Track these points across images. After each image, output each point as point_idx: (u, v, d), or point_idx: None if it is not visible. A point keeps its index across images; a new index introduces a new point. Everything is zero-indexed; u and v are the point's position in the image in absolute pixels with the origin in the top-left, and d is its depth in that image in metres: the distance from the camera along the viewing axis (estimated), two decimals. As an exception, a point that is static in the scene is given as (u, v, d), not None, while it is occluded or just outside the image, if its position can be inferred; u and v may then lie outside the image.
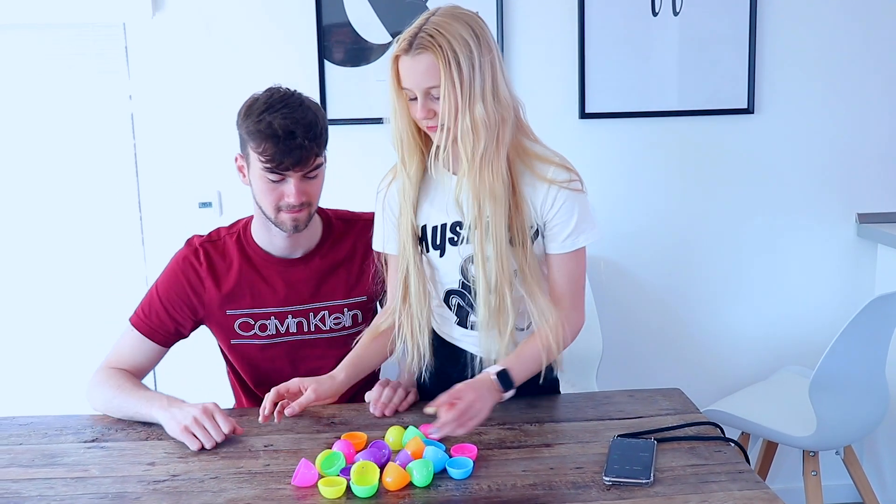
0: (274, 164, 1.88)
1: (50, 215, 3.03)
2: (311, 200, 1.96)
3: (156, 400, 1.87)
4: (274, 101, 1.90)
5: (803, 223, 3.15)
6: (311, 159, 1.90)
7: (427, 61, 1.70)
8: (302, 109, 1.90)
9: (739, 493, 1.49)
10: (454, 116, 1.72)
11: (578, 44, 2.96)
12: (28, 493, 1.58)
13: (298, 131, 1.86)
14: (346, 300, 2.09)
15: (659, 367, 3.18)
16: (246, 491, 1.56)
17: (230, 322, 2.06)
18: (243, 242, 2.09)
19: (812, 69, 3.05)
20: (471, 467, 1.59)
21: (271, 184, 1.92)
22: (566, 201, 1.82)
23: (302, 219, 1.97)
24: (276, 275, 2.06)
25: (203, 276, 2.06)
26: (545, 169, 1.82)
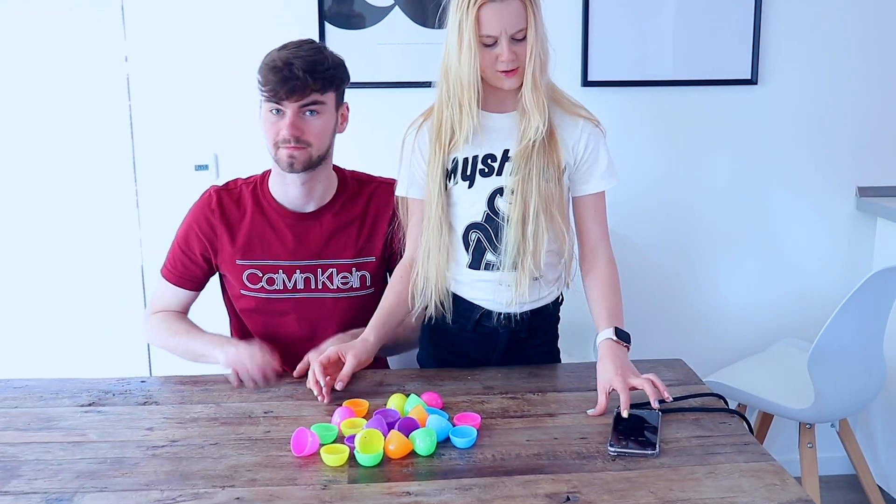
0: (271, 93, 1.92)
1: (44, 179, 3.00)
2: (310, 140, 1.97)
3: (211, 341, 2.01)
4: (291, 42, 1.98)
5: (803, 196, 3.14)
6: (307, 91, 1.92)
7: (516, 4, 1.77)
8: (312, 51, 1.95)
9: (745, 465, 1.48)
10: (534, 55, 1.79)
11: (582, 11, 2.93)
12: (25, 458, 1.56)
13: (297, 63, 1.91)
14: (354, 259, 2.09)
15: (656, 337, 3.17)
16: (246, 458, 1.54)
17: (239, 272, 2.08)
18: (259, 193, 2.11)
19: (816, 41, 3.03)
20: (474, 436, 1.58)
21: (272, 116, 1.96)
22: (597, 141, 1.93)
23: (299, 158, 1.97)
24: (286, 227, 2.08)
25: (216, 225, 2.09)
26: (577, 108, 1.93)
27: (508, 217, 1.87)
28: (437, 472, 1.49)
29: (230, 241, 2.08)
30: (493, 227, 1.91)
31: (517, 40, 1.79)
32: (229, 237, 2.08)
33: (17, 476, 1.49)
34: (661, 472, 1.47)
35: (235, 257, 2.08)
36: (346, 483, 1.46)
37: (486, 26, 1.77)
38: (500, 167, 1.90)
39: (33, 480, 1.47)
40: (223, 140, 2.95)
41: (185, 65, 2.92)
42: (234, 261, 2.08)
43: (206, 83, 2.92)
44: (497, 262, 1.92)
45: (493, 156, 1.90)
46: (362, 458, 1.51)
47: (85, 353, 3.01)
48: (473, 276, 1.95)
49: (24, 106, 2.95)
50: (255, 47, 2.88)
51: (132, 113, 2.96)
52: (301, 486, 1.44)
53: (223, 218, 2.09)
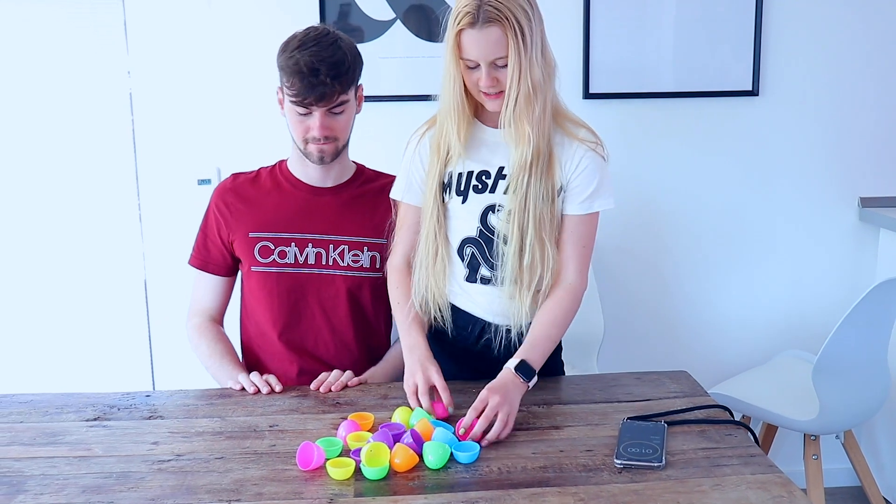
0: (299, 98, 1.97)
1: (47, 192, 3.00)
2: (337, 135, 2.05)
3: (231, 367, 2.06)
4: (308, 38, 1.99)
5: (806, 207, 3.14)
6: (335, 96, 1.98)
7: (495, 33, 1.75)
8: (332, 48, 1.97)
9: (752, 477, 1.48)
10: (518, 82, 1.77)
11: (583, 24, 2.94)
12: (31, 472, 1.56)
13: (323, 69, 1.94)
14: (366, 238, 2.12)
15: (659, 349, 3.18)
16: (252, 471, 1.54)
17: (251, 245, 2.11)
18: (277, 172, 2.19)
19: (817, 52, 3.03)
20: (478, 451, 1.58)
21: (299, 116, 2.01)
22: (591, 163, 1.88)
23: (328, 151, 2.05)
24: (302, 200, 2.13)
25: (231, 202, 2.15)
26: (577, 129, 1.90)
27: (502, 235, 1.88)
28: (444, 486, 1.48)
29: (246, 213, 2.13)
30: (487, 242, 1.91)
31: (500, 66, 1.78)
32: (244, 209, 2.13)
33: (23, 491, 1.49)
34: (667, 484, 1.47)
35: (249, 230, 2.11)
36: (352, 497, 1.45)
37: (465, 51, 1.78)
38: (494, 184, 1.90)
39: (39, 495, 1.47)
40: (226, 154, 2.95)
41: (187, 79, 2.92)
42: (247, 234, 2.11)
43: (208, 97, 2.93)
44: (492, 277, 1.93)
45: (487, 172, 1.91)
46: (368, 472, 1.50)
47: (89, 368, 3.01)
48: (471, 288, 1.96)
49: (27, 121, 2.95)
50: (258, 62, 2.91)
51: (135, 128, 2.97)
52: (307, 499, 1.44)
53: (237, 194, 2.15)
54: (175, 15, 2.89)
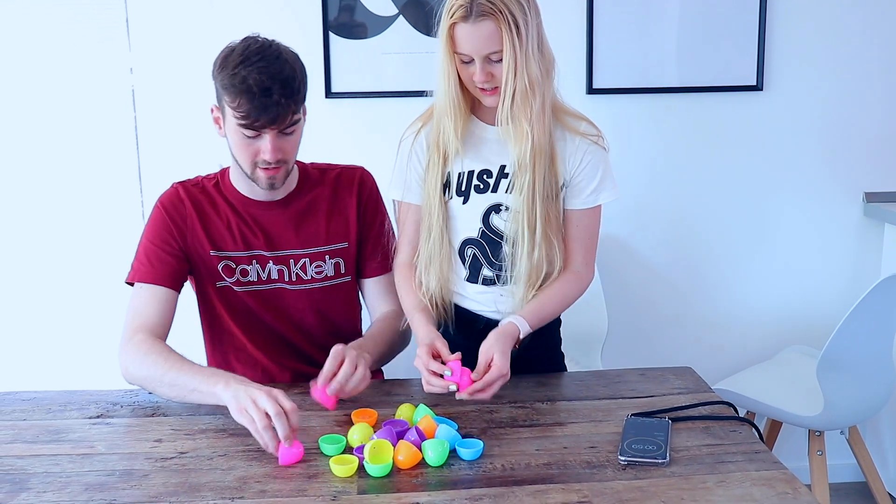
0: (249, 120, 1.82)
1: (50, 190, 3.00)
2: (287, 157, 1.92)
3: (215, 377, 1.73)
4: (251, 52, 1.84)
5: (810, 202, 3.13)
6: (288, 117, 1.84)
7: (489, 27, 1.73)
8: (279, 63, 1.83)
9: (757, 474, 1.48)
10: (514, 77, 1.75)
11: (587, 19, 2.93)
12: (34, 470, 1.56)
13: (275, 88, 1.80)
14: (326, 247, 2.06)
15: (663, 345, 3.17)
16: (255, 469, 1.54)
17: (214, 264, 2.02)
18: (221, 187, 2.06)
19: (821, 46, 3.02)
20: (481, 448, 1.57)
21: (246, 139, 1.87)
22: (593, 157, 1.89)
23: (279, 177, 1.94)
24: (255, 217, 2.03)
25: (188, 214, 2.02)
26: (577, 123, 1.89)
27: (507, 236, 1.88)
28: (447, 483, 1.48)
29: (202, 230, 2.01)
30: (490, 243, 1.91)
31: (494, 61, 1.76)
32: (201, 226, 2.01)
33: (27, 489, 1.49)
34: (671, 480, 1.46)
35: (209, 248, 2.01)
36: (355, 494, 1.45)
37: (459, 45, 1.77)
38: (497, 183, 1.89)
39: (42, 493, 1.47)
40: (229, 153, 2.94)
41: (190, 76, 2.92)
42: (207, 252, 2.01)
43: (211, 94, 2.91)
44: (495, 278, 1.93)
45: (488, 171, 1.90)
46: (371, 469, 1.50)
47: (92, 365, 3.00)
48: (472, 289, 1.96)
49: (29, 118, 2.94)
50: (261, 58, 2.89)
51: (137, 125, 2.96)
52: (310, 497, 1.44)
53: (194, 207, 2.02)
54: (177, 12, 2.88)
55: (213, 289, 2.06)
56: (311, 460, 1.57)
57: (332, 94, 2.92)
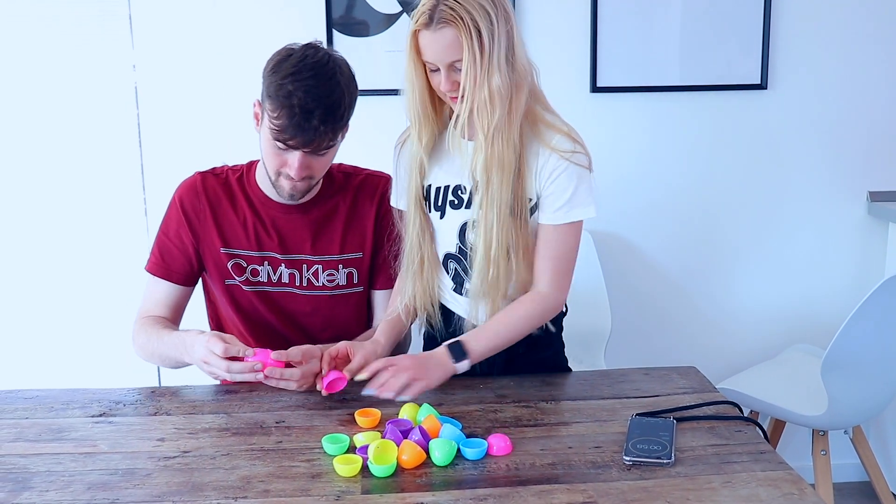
0: (283, 136, 1.79)
1: (53, 187, 2.99)
2: (314, 175, 1.90)
3: (181, 345, 1.87)
4: (305, 66, 1.78)
5: (814, 201, 3.12)
6: (323, 142, 1.82)
7: (450, 35, 1.68)
8: (330, 85, 1.79)
9: (763, 474, 1.47)
10: (474, 87, 1.70)
11: (591, 17, 2.92)
12: (36, 469, 1.55)
13: (317, 112, 1.76)
14: (340, 255, 2.03)
15: (667, 344, 3.17)
16: (259, 468, 1.53)
17: (224, 261, 2.01)
18: (245, 183, 2.04)
19: (826, 45, 3.02)
20: (485, 447, 1.56)
21: (276, 150, 1.84)
22: (564, 171, 1.79)
23: (300, 188, 1.91)
24: (272, 220, 2.01)
25: (201, 209, 2.01)
26: (550, 136, 1.80)
27: (475, 251, 1.83)
28: (451, 483, 1.47)
29: (215, 227, 2.00)
30: (466, 258, 1.88)
31: (459, 69, 1.72)
32: (214, 222, 2.00)
33: (29, 488, 1.48)
34: (676, 481, 1.45)
35: (220, 245, 2.00)
36: (359, 494, 1.44)
37: (424, 52, 1.74)
38: (469, 199, 1.85)
39: (45, 492, 1.46)
40: (232, 148, 2.93)
41: (193, 73, 2.91)
42: (218, 248, 2.00)
43: (214, 91, 2.92)
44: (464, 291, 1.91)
45: (462, 187, 1.86)
46: (375, 469, 1.49)
47: (95, 363, 3.00)
48: (460, 299, 1.95)
49: (31, 115, 2.94)
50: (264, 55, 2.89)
51: (140, 122, 2.96)
52: (314, 496, 1.43)
53: (209, 202, 2.01)
54: (180, 8, 2.88)
55: (221, 286, 2.05)
56: (315, 459, 1.56)
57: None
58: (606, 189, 2.99)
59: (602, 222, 3.02)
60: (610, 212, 3.05)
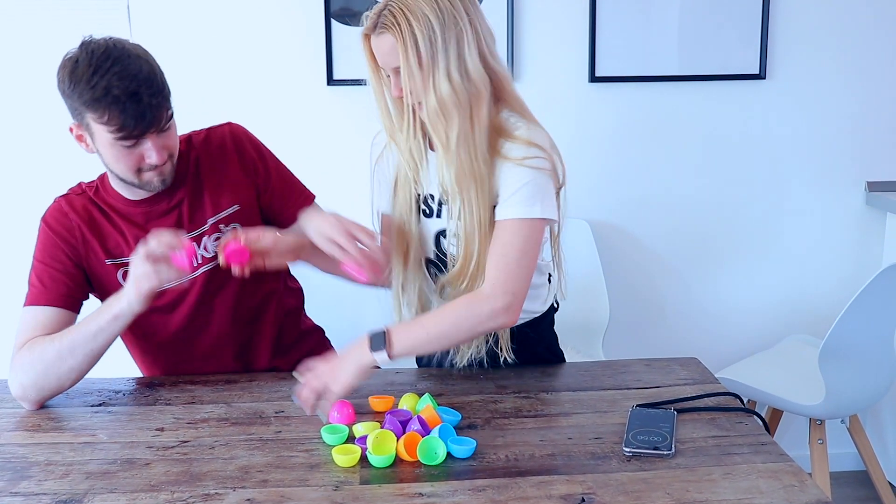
0: (126, 131, 1.70)
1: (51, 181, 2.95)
2: (172, 152, 1.81)
3: (111, 301, 1.75)
4: (98, 59, 1.69)
5: (812, 191, 3.12)
6: (163, 115, 1.73)
7: (388, 41, 1.66)
8: (135, 63, 1.70)
9: (763, 466, 1.47)
10: (417, 95, 1.68)
11: (590, 6, 2.91)
12: (35, 458, 1.55)
13: (142, 90, 1.68)
14: (216, 216, 1.93)
15: (665, 334, 3.17)
16: (257, 458, 1.53)
17: (113, 273, 1.90)
18: (104, 194, 1.93)
19: (825, 35, 3.01)
20: (474, 446, 1.53)
21: (126, 150, 1.74)
22: (512, 173, 1.72)
23: (167, 171, 1.82)
24: (143, 216, 1.90)
25: (76, 227, 1.90)
26: (502, 145, 1.74)
27: (454, 259, 1.81)
28: (450, 473, 1.47)
29: (95, 239, 1.89)
30: (444, 264, 1.86)
31: None
32: (93, 235, 1.89)
33: (27, 477, 1.48)
34: (676, 472, 1.45)
35: (104, 257, 1.89)
36: (357, 484, 1.44)
37: (376, 58, 1.73)
38: (439, 209, 1.83)
39: (43, 482, 1.46)
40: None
41: (191, 66, 2.90)
42: (103, 261, 1.89)
43: (213, 84, 2.90)
44: None
45: (431, 196, 1.84)
46: (374, 460, 1.49)
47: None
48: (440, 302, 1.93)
49: (27, 109, 2.92)
50: (263, 47, 2.89)
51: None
52: (313, 486, 1.43)
53: (80, 218, 1.90)
54: (180, 5, 2.86)
55: None
56: (314, 449, 1.56)
57: (334, 82, 2.90)
58: (604, 178, 3.01)
59: (599, 211, 3.02)
60: (608, 201, 3.04)
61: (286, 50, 2.91)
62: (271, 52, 2.91)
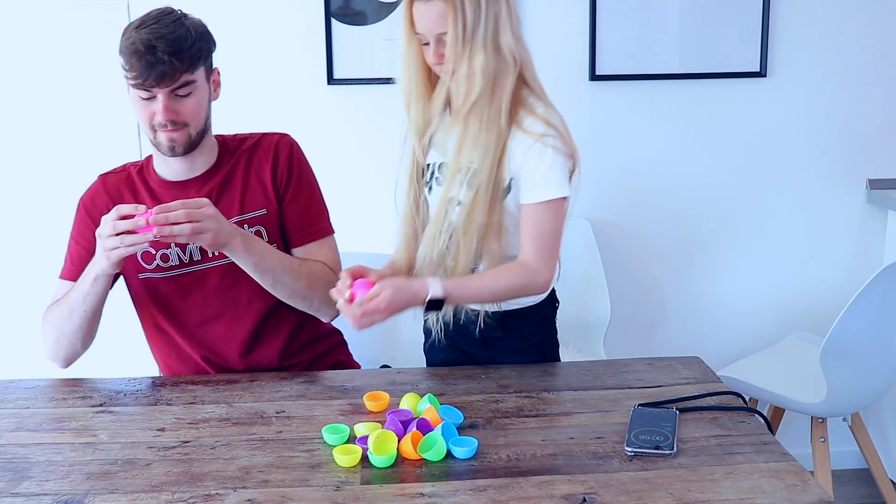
0: (139, 80, 1.82)
1: (52, 181, 2.98)
2: (186, 120, 1.89)
3: (87, 270, 1.88)
4: (148, 18, 1.86)
5: (813, 189, 3.12)
6: (176, 75, 1.83)
7: (438, 8, 1.75)
8: (174, 26, 1.85)
9: (765, 465, 1.46)
10: (453, 58, 1.76)
11: (590, 5, 2.91)
12: (36, 459, 1.55)
13: (160, 46, 1.80)
14: (242, 215, 1.99)
15: (666, 332, 3.16)
16: (258, 458, 1.53)
17: (133, 254, 1.91)
18: (145, 173, 2.03)
19: (825, 32, 3.01)
20: (475, 447, 1.53)
21: (142, 101, 1.86)
22: (534, 153, 1.82)
23: (179, 140, 1.89)
24: (173, 198, 1.89)
25: (104, 205, 1.99)
26: (524, 119, 1.83)
27: (455, 228, 1.86)
28: (452, 473, 1.47)
29: None
30: (451, 235, 1.88)
31: (445, 42, 1.78)
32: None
33: (28, 478, 1.48)
34: (678, 472, 1.45)
35: None
36: (358, 484, 1.44)
37: (416, 24, 1.80)
38: (445, 176, 1.89)
39: (44, 482, 1.46)
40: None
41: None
42: None
43: (212, 80, 2.90)
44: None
45: (446, 164, 1.90)
46: (375, 460, 1.49)
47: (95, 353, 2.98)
48: None
49: (28, 109, 2.92)
50: (263, 47, 2.88)
51: (139, 120, 2.94)
52: (314, 486, 1.43)
53: (110, 198, 2.00)
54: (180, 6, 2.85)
55: (138, 284, 2.01)
56: (315, 450, 1.56)
57: (334, 81, 2.90)
58: (605, 177, 3.00)
59: (600, 210, 3.01)
60: (608, 200, 3.04)
61: (286, 49, 2.91)
62: (272, 52, 2.91)
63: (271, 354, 2.04)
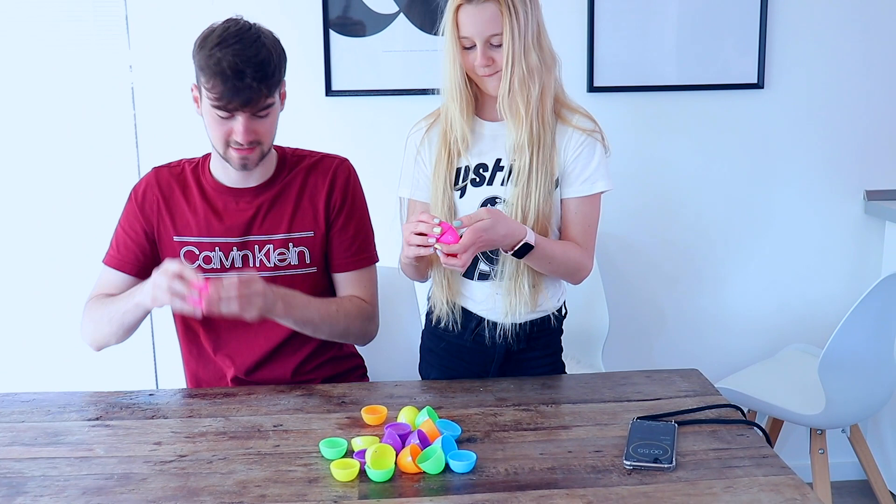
0: (222, 102, 1.83)
1: (49, 188, 2.98)
2: (261, 139, 1.91)
3: (134, 289, 1.89)
4: (229, 34, 1.85)
5: (811, 200, 3.12)
6: (261, 101, 1.85)
7: (491, 10, 1.78)
8: (255, 46, 1.84)
9: (765, 479, 1.46)
10: (513, 64, 1.79)
11: (588, 18, 2.91)
12: (31, 473, 1.54)
13: (248, 71, 1.81)
14: (289, 234, 2.00)
15: (664, 344, 3.16)
16: (255, 472, 1.52)
17: (177, 249, 2.00)
18: (199, 173, 2.05)
19: (822, 44, 3.01)
20: (474, 461, 1.53)
21: (220, 119, 1.87)
22: (586, 147, 1.91)
23: (252, 158, 1.92)
24: (224, 204, 2.00)
25: (154, 200, 2.03)
26: (571, 116, 1.92)
27: None
28: (450, 487, 1.46)
29: (168, 216, 2.01)
30: None
31: (495, 46, 1.81)
32: (167, 211, 2.01)
33: (23, 493, 1.47)
34: (677, 486, 1.45)
35: (173, 234, 2.00)
36: (356, 499, 1.44)
37: (462, 28, 1.81)
38: (492, 177, 1.91)
39: (39, 497, 1.45)
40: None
41: (189, 73, 2.88)
42: (171, 237, 2.00)
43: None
44: (490, 272, 1.92)
45: (484, 165, 1.92)
46: (373, 474, 1.48)
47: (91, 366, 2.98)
48: (471, 284, 1.96)
49: (28, 115, 2.92)
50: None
51: (137, 122, 2.94)
52: (311, 501, 1.42)
53: (161, 192, 2.03)
54: (177, 9, 2.86)
55: None
56: (312, 464, 1.55)
57: (333, 92, 2.90)
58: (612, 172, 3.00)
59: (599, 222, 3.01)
60: (607, 211, 3.00)
61: (284, 61, 2.90)
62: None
63: (285, 369, 2.04)
